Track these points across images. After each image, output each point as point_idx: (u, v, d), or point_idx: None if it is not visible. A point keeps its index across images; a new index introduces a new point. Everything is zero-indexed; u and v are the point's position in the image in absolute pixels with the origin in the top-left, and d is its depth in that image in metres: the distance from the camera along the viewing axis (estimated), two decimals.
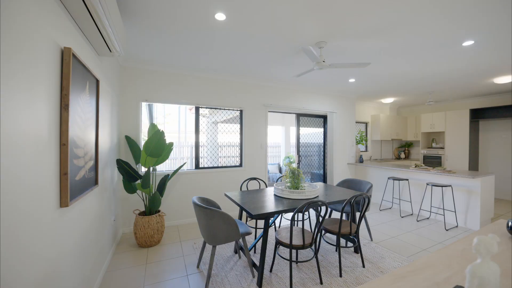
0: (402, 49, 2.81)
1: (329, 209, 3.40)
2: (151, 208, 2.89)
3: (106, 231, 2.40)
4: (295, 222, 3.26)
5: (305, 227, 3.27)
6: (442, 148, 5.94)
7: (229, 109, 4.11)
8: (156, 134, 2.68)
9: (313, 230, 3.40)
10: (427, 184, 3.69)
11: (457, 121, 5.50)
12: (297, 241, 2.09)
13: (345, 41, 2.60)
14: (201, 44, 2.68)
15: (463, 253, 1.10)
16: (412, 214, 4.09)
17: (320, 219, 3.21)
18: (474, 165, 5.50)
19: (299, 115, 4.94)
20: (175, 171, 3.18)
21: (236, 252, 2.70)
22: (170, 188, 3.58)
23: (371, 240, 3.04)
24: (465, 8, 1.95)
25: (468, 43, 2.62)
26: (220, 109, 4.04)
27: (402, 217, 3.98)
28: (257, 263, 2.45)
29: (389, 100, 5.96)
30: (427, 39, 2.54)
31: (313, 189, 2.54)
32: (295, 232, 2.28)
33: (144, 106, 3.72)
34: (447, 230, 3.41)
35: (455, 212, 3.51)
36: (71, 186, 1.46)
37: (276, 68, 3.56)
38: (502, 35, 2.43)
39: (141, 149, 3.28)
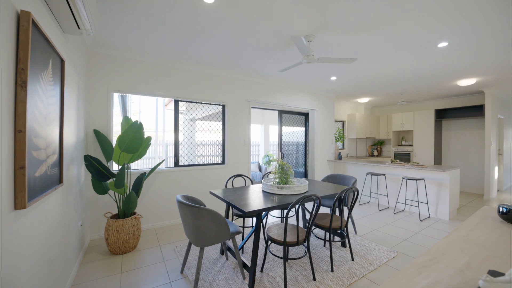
0: (385, 47, 2.91)
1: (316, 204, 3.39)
2: (126, 210, 2.60)
3: (72, 238, 2.08)
4: (281, 219, 3.19)
5: (292, 223, 3.21)
6: (411, 145, 6.39)
7: (210, 104, 3.91)
8: (132, 127, 2.40)
9: (300, 225, 3.37)
10: (403, 178, 3.90)
11: (424, 120, 5.95)
12: (290, 238, 2.00)
13: (333, 36, 2.59)
14: (185, 30, 2.48)
15: (468, 238, 1.10)
16: (388, 207, 4.30)
17: (307, 214, 3.22)
18: (438, 161, 6.00)
19: (281, 112, 4.92)
20: (153, 169, 2.91)
21: (222, 253, 2.53)
22: (147, 188, 3.28)
23: (356, 233, 3.10)
24: (443, 9, 2.05)
25: (442, 44, 2.80)
26: (200, 103, 3.82)
27: (380, 210, 4.15)
28: (247, 263, 2.32)
29: (364, 99, 6.24)
30: (409, 38, 2.64)
31: (302, 184, 2.48)
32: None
33: (116, 98, 3.37)
34: (421, 220, 3.62)
35: (427, 203, 3.75)
36: (30, 184, 1.19)
37: (262, 62, 3.46)
38: (472, 39, 2.63)
39: (113, 144, 2.95)
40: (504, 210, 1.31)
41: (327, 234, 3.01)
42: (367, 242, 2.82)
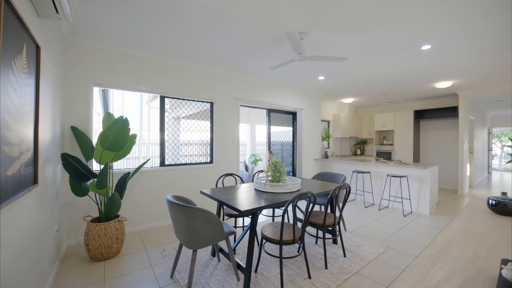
0: (372, 48, 2.98)
1: (311, 202, 3.39)
2: (108, 213, 2.42)
3: (47, 244, 1.88)
4: (273, 217, 3.16)
5: (285, 221, 3.19)
6: (392, 144, 6.67)
7: (198, 101, 3.78)
8: (116, 123, 2.23)
9: (292, 223, 3.36)
10: (387, 175, 4.04)
11: (404, 120, 6.24)
12: (285, 236, 1.97)
13: (325, 34, 2.61)
14: (173, 21, 2.35)
15: (467, 230, 1.12)
16: (374, 204, 4.43)
17: (298, 211, 3.21)
18: (416, 159, 6.33)
19: (270, 111, 4.90)
20: (138, 168, 2.74)
21: (214, 255, 2.44)
22: (130, 189, 3.08)
23: (345, 230, 3.14)
24: (429, 12, 2.13)
25: (426, 47, 2.92)
26: (188, 100, 3.68)
27: (366, 207, 4.27)
28: (241, 264, 2.25)
29: (349, 100, 6.42)
30: (395, 39, 2.72)
31: (295, 182, 2.47)
32: (279, 227, 2.16)
33: (96, 94, 3.13)
34: (404, 216, 3.77)
35: (409, 199, 3.91)
36: (1, 184, 1.05)
37: (252, 59, 3.41)
38: (452, 43, 2.77)
39: (93, 142, 2.74)
40: (494, 202, 1.37)
41: (319, 231, 3.03)
42: (357, 238, 2.87)
